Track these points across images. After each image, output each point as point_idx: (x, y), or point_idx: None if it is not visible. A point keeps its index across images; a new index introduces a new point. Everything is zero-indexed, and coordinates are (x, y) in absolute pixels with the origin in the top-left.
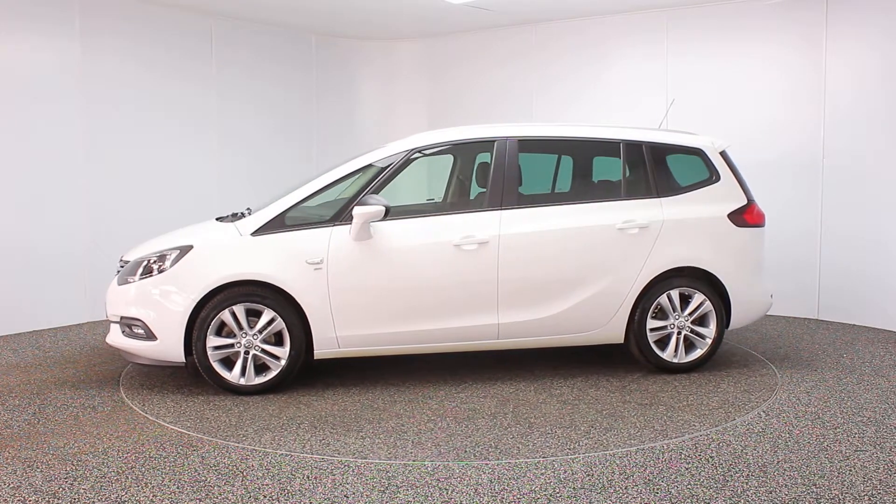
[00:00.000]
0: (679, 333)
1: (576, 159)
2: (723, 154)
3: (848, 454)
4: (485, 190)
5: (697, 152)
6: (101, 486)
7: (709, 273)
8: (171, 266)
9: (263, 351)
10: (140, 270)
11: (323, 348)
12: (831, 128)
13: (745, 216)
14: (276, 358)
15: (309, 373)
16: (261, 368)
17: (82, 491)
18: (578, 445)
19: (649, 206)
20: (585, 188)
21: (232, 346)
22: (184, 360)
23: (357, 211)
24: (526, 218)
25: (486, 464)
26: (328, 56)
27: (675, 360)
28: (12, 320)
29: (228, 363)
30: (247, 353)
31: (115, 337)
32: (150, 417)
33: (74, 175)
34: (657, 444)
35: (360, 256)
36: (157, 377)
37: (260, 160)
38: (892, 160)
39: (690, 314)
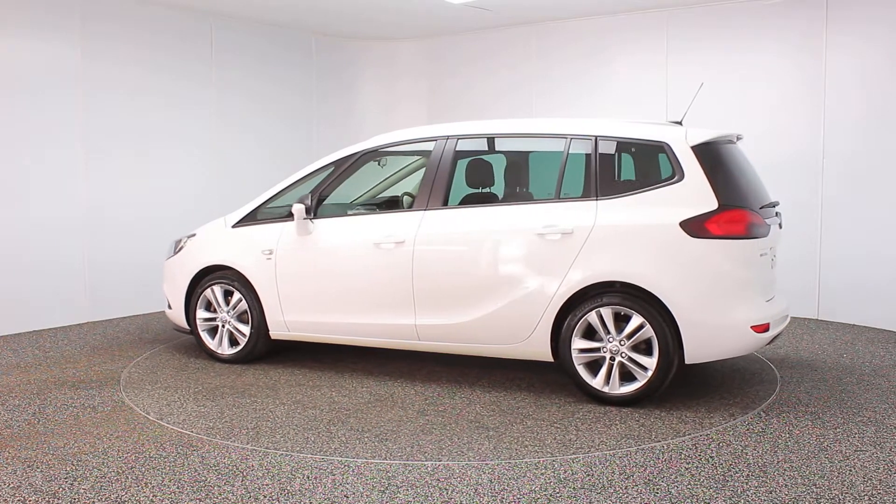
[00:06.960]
0: (613, 359)
1: (517, 158)
2: (700, 148)
3: (848, 454)
4: (478, 190)
5: (660, 147)
6: (101, 486)
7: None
8: (180, 250)
9: (236, 327)
10: (173, 251)
11: (276, 330)
12: (831, 128)
13: (708, 224)
14: (244, 334)
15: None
16: (235, 342)
17: (82, 491)
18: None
19: (580, 209)
20: (522, 188)
21: (214, 319)
22: (189, 328)
23: (293, 208)
24: (448, 219)
25: (487, 464)
26: (328, 56)
27: (606, 390)
28: (12, 320)
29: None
30: (223, 326)
31: (165, 305)
32: (150, 417)
33: (74, 175)
34: (657, 444)
35: (300, 249)
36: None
37: (260, 160)
38: (892, 160)
39: (628, 338)
